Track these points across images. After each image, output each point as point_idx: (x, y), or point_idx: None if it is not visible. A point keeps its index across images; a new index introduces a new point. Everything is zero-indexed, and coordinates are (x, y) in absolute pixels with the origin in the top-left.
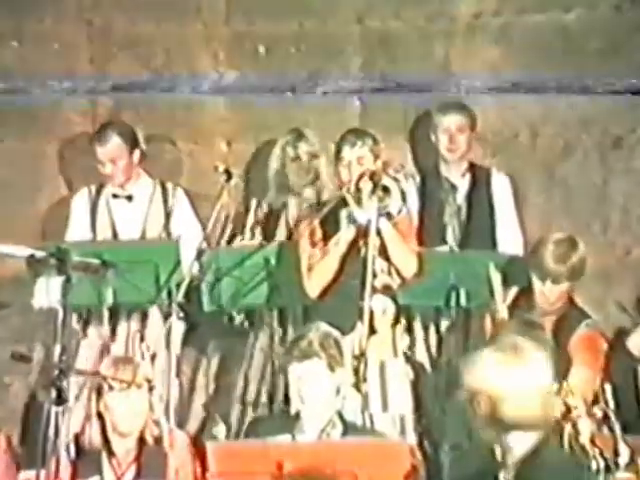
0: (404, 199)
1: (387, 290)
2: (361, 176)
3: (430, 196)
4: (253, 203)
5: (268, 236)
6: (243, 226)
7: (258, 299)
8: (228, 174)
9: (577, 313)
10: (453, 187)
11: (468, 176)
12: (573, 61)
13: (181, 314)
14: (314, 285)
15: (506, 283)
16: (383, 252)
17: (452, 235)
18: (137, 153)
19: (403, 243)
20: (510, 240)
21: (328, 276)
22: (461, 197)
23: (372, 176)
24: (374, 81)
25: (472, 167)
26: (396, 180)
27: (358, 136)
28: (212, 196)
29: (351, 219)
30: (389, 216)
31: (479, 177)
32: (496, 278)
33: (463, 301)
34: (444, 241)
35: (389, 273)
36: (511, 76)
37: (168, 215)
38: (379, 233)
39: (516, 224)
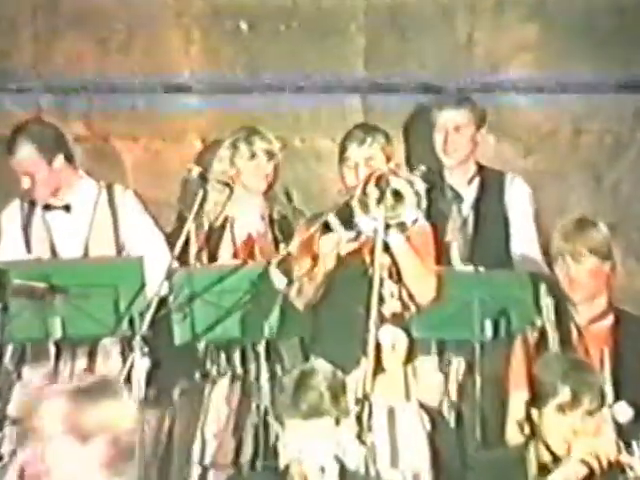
0: (420, 206)
1: (398, 319)
2: (368, 178)
3: (431, 207)
4: (192, 227)
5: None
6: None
7: (239, 330)
8: (203, 178)
9: (628, 314)
10: (458, 196)
11: (476, 182)
12: (626, 44)
13: (146, 349)
14: (301, 298)
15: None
16: (395, 272)
17: (457, 253)
18: (59, 159)
19: (418, 261)
20: (528, 259)
21: (312, 290)
22: (467, 208)
23: (381, 178)
24: (381, 67)
25: (481, 171)
26: (410, 183)
27: (367, 132)
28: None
29: (355, 229)
30: (402, 227)
31: (490, 183)
32: (547, 303)
33: (489, 333)
34: (448, 261)
35: (400, 298)
36: (549, 62)
37: (117, 226)
38: (388, 248)
39: (535, 239)
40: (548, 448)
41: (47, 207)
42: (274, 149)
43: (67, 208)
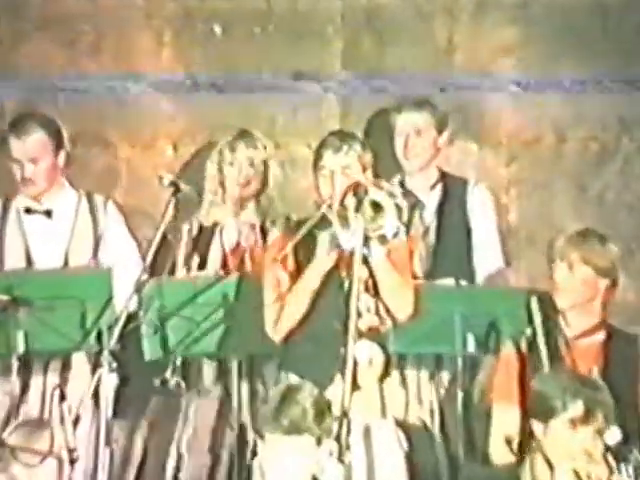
0: (401, 218)
1: (374, 334)
2: (348, 189)
3: None
4: (185, 229)
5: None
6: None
7: (213, 345)
8: (176, 186)
9: (620, 332)
10: (419, 203)
11: (439, 188)
12: (610, 46)
13: (114, 364)
14: (279, 327)
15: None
16: (372, 286)
17: (418, 262)
18: (63, 155)
19: (397, 275)
20: (490, 268)
21: (296, 316)
22: (430, 215)
23: (358, 187)
24: (358, 71)
25: (444, 177)
26: (391, 195)
27: (343, 140)
28: (153, 213)
29: (333, 244)
30: (382, 240)
31: (452, 190)
32: (540, 316)
33: (471, 348)
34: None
35: (377, 313)
36: (532, 66)
37: (97, 236)
38: (366, 261)
39: (498, 248)
40: (549, 463)
41: (28, 210)
42: (258, 156)
43: (48, 213)
